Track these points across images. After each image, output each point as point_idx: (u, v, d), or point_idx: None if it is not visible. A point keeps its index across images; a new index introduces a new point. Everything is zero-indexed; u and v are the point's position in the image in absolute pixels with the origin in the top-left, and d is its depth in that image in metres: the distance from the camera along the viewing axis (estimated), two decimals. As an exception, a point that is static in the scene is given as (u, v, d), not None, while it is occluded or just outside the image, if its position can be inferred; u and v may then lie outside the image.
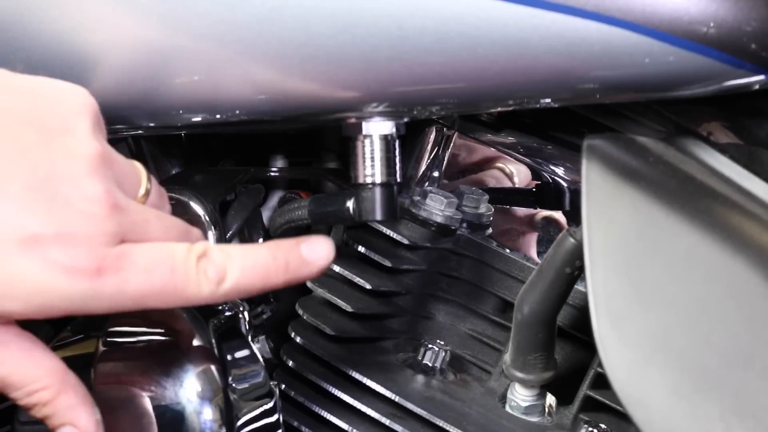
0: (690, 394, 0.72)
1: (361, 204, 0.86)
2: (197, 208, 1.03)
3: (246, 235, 1.13)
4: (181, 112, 0.85)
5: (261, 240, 1.12)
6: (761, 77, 0.75)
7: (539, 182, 1.12)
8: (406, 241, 1.02)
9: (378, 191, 0.85)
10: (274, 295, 1.13)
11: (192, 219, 1.04)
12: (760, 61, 0.74)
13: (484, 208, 1.06)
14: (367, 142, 0.85)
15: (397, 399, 0.96)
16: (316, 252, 0.79)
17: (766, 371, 0.71)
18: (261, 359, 0.94)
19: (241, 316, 1.01)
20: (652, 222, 0.75)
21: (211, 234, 1.04)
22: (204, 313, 0.96)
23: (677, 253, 0.74)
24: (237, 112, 0.84)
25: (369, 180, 0.85)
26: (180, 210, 1.04)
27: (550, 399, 0.99)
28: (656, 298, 0.74)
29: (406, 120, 0.83)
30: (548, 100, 0.81)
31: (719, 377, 0.71)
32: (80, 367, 0.97)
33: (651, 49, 0.73)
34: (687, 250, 0.74)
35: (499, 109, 0.88)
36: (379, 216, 0.86)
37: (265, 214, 1.15)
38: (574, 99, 0.80)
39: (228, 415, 0.87)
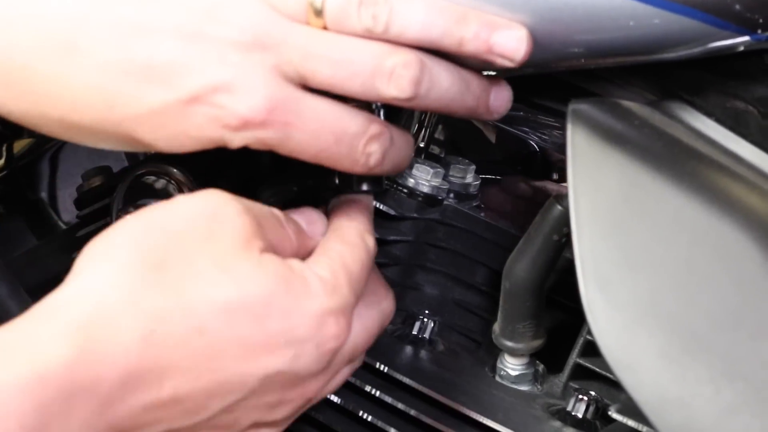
0: (679, 357, 0.71)
1: (346, 174, 0.85)
2: (183, 183, 1.03)
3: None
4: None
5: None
6: (746, 38, 0.75)
7: (527, 151, 1.12)
8: (392, 212, 1.01)
9: None
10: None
11: (179, 193, 1.04)
12: (745, 22, 0.74)
13: (471, 177, 1.06)
14: (351, 111, 0.84)
15: (385, 370, 0.96)
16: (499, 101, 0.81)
17: (754, 333, 0.71)
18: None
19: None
20: (638, 185, 0.75)
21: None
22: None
23: (664, 216, 0.74)
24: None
25: None
26: (165, 184, 1.04)
27: (540, 367, 0.99)
28: (644, 262, 0.74)
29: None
30: (531, 68, 0.80)
31: (708, 339, 0.71)
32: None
33: (635, 11, 0.73)
34: (674, 212, 0.74)
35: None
36: (364, 186, 0.85)
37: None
38: (558, 64, 0.80)
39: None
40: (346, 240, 0.80)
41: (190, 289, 0.70)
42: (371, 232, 0.83)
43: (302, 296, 0.74)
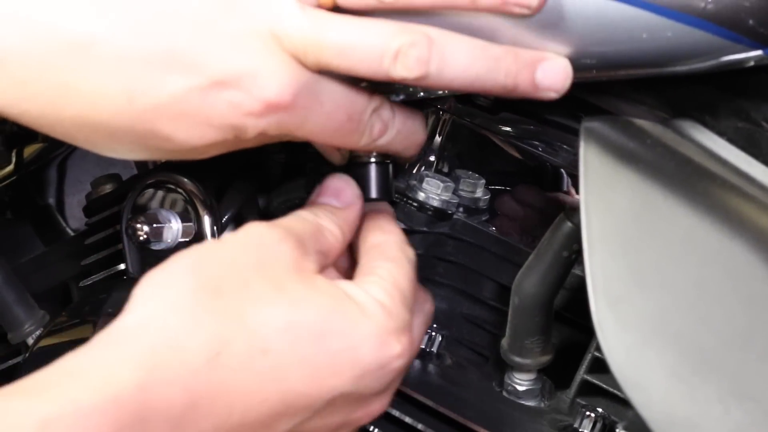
0: (688, 376, 0.71)
1: (356, 182, 0.85)
2: (193, 192, 1.03)
3: (242, 221, 1.12)
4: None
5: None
6: (758, 52, 0.75)
7: (538, 164, 1.11)
8: (402, 226, 1.01)
9: (373, 169, 0.85)
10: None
11: (188, 202, 1.04)
12: (758, 37, 0.74)
13: (481, 192, 1.06)
14: (362, 121, 0.85)
15: (393, 383, 0.96)
16: (550, 77, 0.76)
17: (764, 353, 0.71)
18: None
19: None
20: (649, 204, 0.75)
21: (207, 219, 1.03)
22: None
23: (675, 236, 0.74)
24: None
25: (364, 159, 0.85)
26: (175, 193, 1.04)
27: (548, 383, 0.99)
28: (654, 281, 0.74)
29: (401, 98, 0.82)
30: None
31: (718, 359, 0.71)
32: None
33: (648, 23, 0.73)
34: (685, 232, 0.74)
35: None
36: (374, 194, 0.85)
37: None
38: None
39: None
40: (390, 256, 0.81)
41: (250, 311, 0.71)
42: (407, 242, 0.84)
43: (360, 318, 0.75)
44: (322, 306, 0.74)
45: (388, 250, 0.81)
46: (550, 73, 0.76)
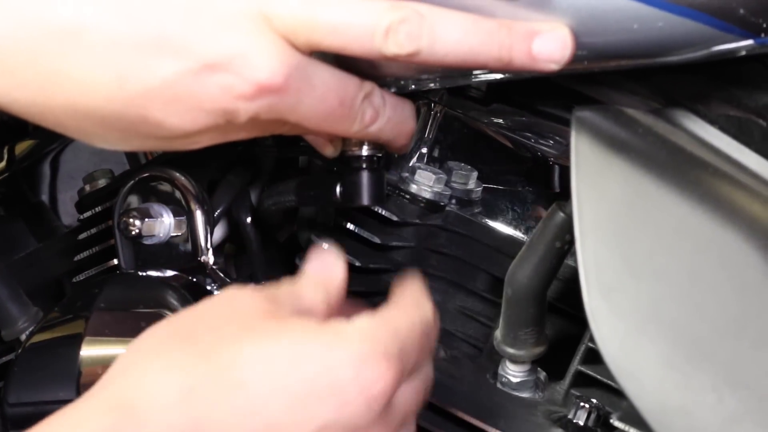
0: (682, 365, 0.71)
1: (348, 188, 0.85)
2: (185, 186, 1.03)
3: (233, 215, 1.12)
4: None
5: (249, 219, 1.11)
6: (750, 42, 0.75)
7: (529, 157, 1.11)
8: (394, 218, 1.01)
9: (365, 176, 0.85)
10: (264, 275, 1.12)
11: (180, 197, 1.04)
12: (749, 26, 0.74)
13: (473, 184, 1.06)
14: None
15: (387, 376, 0.95)
16: (548, 47, 0.75)
17: (757, 341, 0.70)
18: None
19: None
20: (642, 193, 0.75)
21: (199, 213, 1.03)
22: (192, 291, 0.95)
23: (668, 224, 0.74)
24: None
25: (355, 162, 0.85)
26: (167, 188, 1.04)
27: (542, 375, 0.99)
28: (647, 270, 0.73)
29: (392, 90, 0.82)
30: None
31: (711, 348, 0.71)
32: (68, 346, 0.97)
33: (639, 14, 0.73)
34: (677, 221, 0.74)
35: (489, 79, 0.87)
36: (366, 201, 0.85)
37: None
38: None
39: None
40: (399, 305, 0.79)
41: (224, 349, 0.70)
42: (428, 303, 0.80)
43: (336, 343, 0.71)
44: (293, 335, 0.72)
45: (400, 301, 0.79)
46: (549, 43, 0.74)
